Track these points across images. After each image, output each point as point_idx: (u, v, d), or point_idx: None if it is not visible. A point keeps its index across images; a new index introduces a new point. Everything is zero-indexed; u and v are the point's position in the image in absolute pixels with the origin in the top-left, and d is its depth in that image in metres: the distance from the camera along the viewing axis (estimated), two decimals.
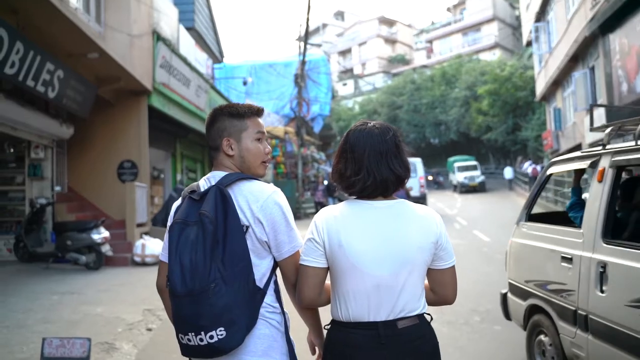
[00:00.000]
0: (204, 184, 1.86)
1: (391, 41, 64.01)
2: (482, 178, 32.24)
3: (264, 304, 1.78)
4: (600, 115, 15.22)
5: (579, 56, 17.56)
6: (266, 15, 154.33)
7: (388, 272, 1.74)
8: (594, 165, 3.60)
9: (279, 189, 1.88)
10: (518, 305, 4.40)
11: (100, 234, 9.14)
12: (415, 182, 20.75)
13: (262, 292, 1.77)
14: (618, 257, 3.08)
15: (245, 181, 1.84)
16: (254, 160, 1.92)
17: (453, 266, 1.88)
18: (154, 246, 10.00)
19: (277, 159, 23.08)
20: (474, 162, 34.15)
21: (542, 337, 3.99)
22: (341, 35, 66.59)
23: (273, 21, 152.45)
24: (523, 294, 4.30)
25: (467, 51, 48.60)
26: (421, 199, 20.45)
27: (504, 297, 4.72)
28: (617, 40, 13.38)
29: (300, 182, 22.52)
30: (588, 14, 15.00)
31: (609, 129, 3.69)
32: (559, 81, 21.20)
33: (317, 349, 2.00)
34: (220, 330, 1.64)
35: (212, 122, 1.92)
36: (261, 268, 1.79)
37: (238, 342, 1.68)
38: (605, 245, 3.23)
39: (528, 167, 29.20)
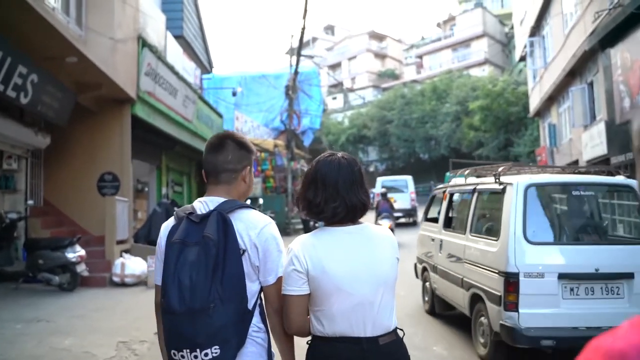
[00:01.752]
0: (200, 206, 1.94)
1: (381, 56, 63.91)
2: None
3: (251, 324, 1.87)
4: (600, 131, 14.85)
5: (577, 71, 17.20)
6: (256, 28, 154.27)
7: (369, 291, 1.88)
8: (444, 192, 7.10)
9: (273, 221, 2.00)
10: (419, 269, 7.90)
11: (76, 252, 8.41)
12: (406, 197, 22.31)
13: (251, 314, 1.88)
14: (446, 236, 6.50)
15: (244, 209, 1.95)
16: (251, 191, 2.15)
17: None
18: (135, 265, 9.29)
19: (266, 173, 22.42)
20: None
21: (427, 284, 7.37)
22: (331, 50, 66.37)
23: (263, 34, 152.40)
24: (420, 262, 7.77)
25: (457, 67, 48.43)
26: (412, 211, 22.60)
27: (414, 265, 8.13)
28: (619, 54, 12.99)
29: (290, 197, 21.85)
30: (588, 28, 14.65)
31: (452, 174, 7.32)
32: (555, 97, 20.85)
33: None
34: (215, 349, 1.73)
35: (241, 146, 2.04)
36: (251, 291, 1.89)
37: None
38: (443, 231, 6.68)
39: None
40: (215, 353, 1.72)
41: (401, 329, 2.01)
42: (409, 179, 23.89)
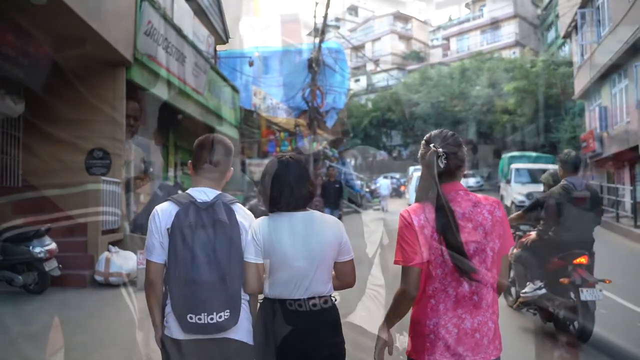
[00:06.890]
0: (200, 196, 2.42)
1: (406, 38, 61.71)
2: None
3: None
4: None
5: None
6: (277, 4, 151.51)
7: (306, 265, 2.33)
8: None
9: None
10: None
11: (44, 247, 6.68)
12: None
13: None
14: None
15: (238, 203, 2.51)
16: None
17: (352, 260, 2.50)
18: (122, 262, 7.56)
19: None
20: (549, 165, 17.50)
21: None
22: (354, 31, 64.11)
23: (284, 11, 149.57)
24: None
25: (486, 49, 46.20)
26: None
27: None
28: None
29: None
30: None
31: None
32: (607, 75, 18.63)
33: None
34: (227, 312, 2.26)
35: (229, 152, 2.54)
36: None
37: (236, 322, 2.32)
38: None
39: None
40: (227, 316, 2.25)
41: (334, 297, 2.44)
42: None
